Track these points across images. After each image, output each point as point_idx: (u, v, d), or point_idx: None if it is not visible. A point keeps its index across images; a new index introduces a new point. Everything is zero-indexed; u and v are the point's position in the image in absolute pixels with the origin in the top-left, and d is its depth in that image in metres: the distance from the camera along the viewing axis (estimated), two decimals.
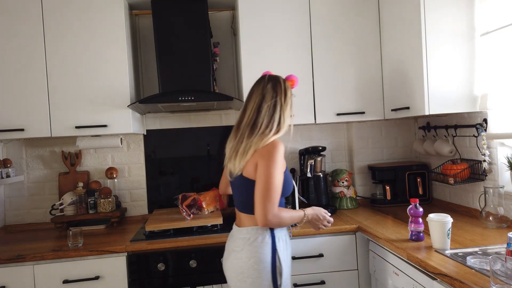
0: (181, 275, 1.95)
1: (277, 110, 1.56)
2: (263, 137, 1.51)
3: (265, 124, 1.53)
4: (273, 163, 1.45)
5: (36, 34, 2.14)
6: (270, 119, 1.54)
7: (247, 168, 1.52)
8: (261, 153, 1.48)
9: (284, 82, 1.63)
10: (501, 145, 1.94)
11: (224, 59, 2.62)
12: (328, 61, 2.32)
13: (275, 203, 1.44)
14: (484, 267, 1.31)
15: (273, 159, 1.46)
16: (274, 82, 1.61)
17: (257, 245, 1.52)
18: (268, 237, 1.53)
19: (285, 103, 1.58)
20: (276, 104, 1.56)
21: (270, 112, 1.55)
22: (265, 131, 1.52)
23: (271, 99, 1.56)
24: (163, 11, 2.24)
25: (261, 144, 1.49)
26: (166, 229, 2.07)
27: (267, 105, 1.55)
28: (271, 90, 1.58)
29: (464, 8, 1.94)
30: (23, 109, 2.13)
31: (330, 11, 2.32)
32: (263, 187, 1.44)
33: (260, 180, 1.45)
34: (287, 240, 1.62)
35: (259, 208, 1.43)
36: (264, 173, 1.45)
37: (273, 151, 1.47)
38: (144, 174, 2.59)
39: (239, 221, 1.62)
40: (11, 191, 2.49)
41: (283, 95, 1.59)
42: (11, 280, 1.85)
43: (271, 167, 1.45)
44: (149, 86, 2.57)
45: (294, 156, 2.70)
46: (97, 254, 1.89)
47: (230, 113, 2.67)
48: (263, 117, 1.54)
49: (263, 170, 1.45)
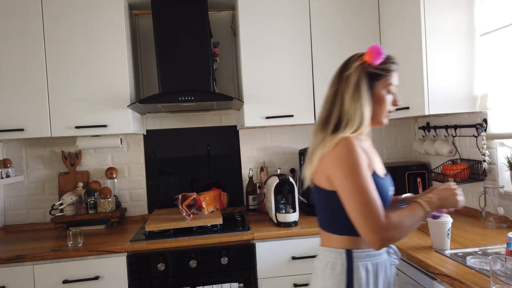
0: (181, 275, 1.95)
1: (337, 100, 1.21)
2: (333, 137, 1.16)
3: (335, 120, 1.20)
4: (350, 168, 1.10)
5: (36, 34, 2.14)
6: (339, 113, 1.20)
7: (317, 176, 1.22)
8: (330, 159, 1.15)
9: (353, 60, 1.23)
10: (501, 145, 1.94)
11: (224, 59, 2.62)
12: (328, 60, 2.32)
13: (378, 215, 1.06)
14: (484, 267, 1.31)
15: (348, 164, 1.10)
16: (344, 62, 1.27)
17: (327, 273, 1.19)
18: (342, 263, 1.17)
19: (347, 89, 1.19)
20: (336, 93, 1.22)
21: (330, 103, 1.23)
22: (334, 129, 1.19)
23: (333, 87, 1.25)
24: (163, 11, 2.24)
25: (326, 148, 1.16)
26: (166, 229, 2.07)
27: (329, 94, 1.25)
28: (336, 74, 1.26)
29: (464, 8, 1.93)
30: (23, 109, 2.13)
31: (330, 10, 2.32)
32: (354, 205, 1.08)
33: (346, 196, 1.11)
34: (380, 268, 1.20)
35: (363, 232, 1.07)
36: (346, 186, 1.10)
37: (342, 153, 1.12)
38: (144, 174, 2.59)
39: (320, 238, 1.30)
40: (11, 191, 2.49)
41: (344, 79, 1.21)
42: (11, 280, 1.85)
43: (350, 174, 1.09)
44: (149, 86, 2.57)
45: (294, 156, 2.70)
46: (97, 254, 1.89)
47: (230, 113, 2.67)
48: (329, 110, 1.22)
49: (343, 183, 1.11)
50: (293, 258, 2.00)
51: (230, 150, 2.65)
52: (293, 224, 2.10)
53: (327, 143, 1.16)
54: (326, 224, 1.24)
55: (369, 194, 1.08)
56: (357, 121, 1.17)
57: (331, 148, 1.15)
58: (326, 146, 1.16)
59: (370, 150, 1.24)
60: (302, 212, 2.39)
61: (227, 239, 1.97)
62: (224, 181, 2.64)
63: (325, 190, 1.19)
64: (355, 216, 1.09)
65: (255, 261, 1.99)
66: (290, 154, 2.69)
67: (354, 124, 1.17)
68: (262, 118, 2.27)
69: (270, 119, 2.27)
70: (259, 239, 1.99)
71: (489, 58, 1.93)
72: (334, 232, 1.21)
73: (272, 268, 2.00)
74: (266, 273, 2.00)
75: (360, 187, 1.08)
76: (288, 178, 2.20)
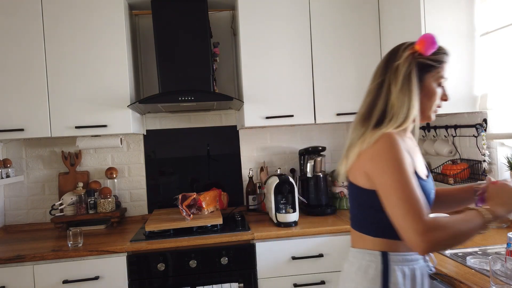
0: (181, 275, 1.95)
1: (382, 92, 1.12)
2: (373, 133, 1.08)
3: (378, 115, 1.11)
4: (391, 165, 1.01)
5: (36, 34, 2.14)
6: (383, 107, 1.11)
7: (354, 173, 1.14)
8: (369, 156, 1.07)
9: (403, 49, 1.13)
10: (501, 145, 1.94)
11: (224, 59, 2.62)
12: (328, 61, 2.32)
13: (422, 214, 0.96)
14: (484, 267, 1.31)
15: (389, 160, 1.02)
16: (391, 52, 1.17)
17: (359, 277, 1.11)
18: (377, 266, 1.09)
19: (395, 80, 1.10)
20: (381, 85, 1.13)
21: (373, 96, 1.14)
22: (376, 124, 1.10)
23: (378, 78, 1.15)
24: (163, 11, 2.24)
25: (366, 144, 1.08)
26: (166, 229, 2.07)
27: (373, 86, 1.16)
28: (382, 65, 1.16)
29: (464, 8, 1.93)
30: (23, 109, 2.13)
31: (330, 10, 2.32)
32: (395, 203, 0.99)
33: (386, 194, 1.02)
34: (417, 274, 1.11)
35: (405, 232, 0.97)
36: (386, 184, 1.02)
37: (383, 150, 1.03)
38: (144, 174, 2.59)
39: (352, 238, 1.23)
40: (11, 191, 2.49)
41: (392, 70, 1.12)
42: (11, 280, 1.85)
43: (392, 171, 1.01)
44: (149, 86, 2.57)
45: (294, 156, 2.70)
46: (97, 254, 1.89)
47: (230, 113, 2.67)
48: (372, 104, 1.14)
49: (383, 180, 1.03)
50: (293, 258, 2.00)
51: (230, 150, 2.65)
52: (293, 224, 2.10)
53: (366, 139, 1.08)
54: (360, 224, 1.15)
55: (412, 191, 0.98)
56: (402, 115, 1.07)
57: (371, 144, 1.06)
58: (366, 142, 1.08)
59: (413, 149, 1.16)
60: (302, 212, 2.39)
61: (227, 239, 1.97)
62: (224, 181, 2.64)
63: (361, 189, 1.11)
64: (397, 215, 0.99)
65: (255, 261, 1.99)
66: (290, 154, 2.69)
67: (398, 119, 1.07)
68: (262, 118, 2.27)
69: (270, 119, 2.27)
70: (259, 239, 1.99)
71: (489, 58, 1.93)
72: (368, 233, 1.13)
73: (272, 268, 2.00)
74: (266, 273, 2.00)
75: (402, 184, 0.99)
76: (288, 178, 2.20)
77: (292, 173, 2.66)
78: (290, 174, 2.66)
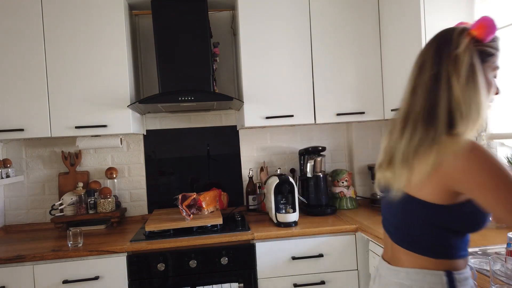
0: (181, 275, 1.95)
1: (441, 87, 0.95)
2: (454, 140, 0.92)
3: (445, 114, 0.94)
4: (496, 174, 0.87)
5: (36, 34, 2.14)
6: (447, 104, 0.94)
7: (421, 186, 0.96)
8: (461, 169, 0.90)
9: (458, 35, 0.97)
10: (501, 145, 1.94)
11: (224, 59, 2.62)
12: (328, 61, 2.32)
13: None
14: (484, 267, 1.31)
15: (492, 170, 0.88)
16: (441, 38, 1.00)
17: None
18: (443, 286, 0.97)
19: (458, 72, 0.94)
20: (439, 78, 0.96)
21: (429, 92, 0.97)
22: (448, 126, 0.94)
23: (430, 69, 0.98)
24: (163, 11, 2.24)
25: (449, 154, 0.91)
26: (166, 229, 2.07)
27: (425, 79, 0.98)
28: (433, 53, 0.99)
29: (464, 8, 1.93)
30: (23, 109, 2.13)
31: (330, 10, 2.32)
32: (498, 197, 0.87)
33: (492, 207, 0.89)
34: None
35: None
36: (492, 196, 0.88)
37: (482, 159, 0.89)
38: (144, 174, 2.59)
39: (392, 255, 1.08)
40: (11, 191, 2.49)
41: (451, 60, 0.95)
42: (11, 280, 1.85)
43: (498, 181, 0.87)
44: (149, 86, 2.57)
45: (294, 156, 2.70)
46: (97, 254, 1.89)
47: (230, 113, 2.67)
48: (430, 101, 0.96)
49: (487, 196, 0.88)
50: (293, 258, 2.00)
51: (230, 150, 2.65)
52: (293, 224, 2.10)
53: (447, 147, 0.91)
54: (411, 240, 1.01)
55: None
56: (474, 114, 0.92)
57: (459, 155, 0.89)
58: (447, 151, 0.90)
59: None
60: (302, 212, 2.39)
61: (227, 239, 1.97)
62: (224, 181, 2.64)
63: (428, 204, 0.95)
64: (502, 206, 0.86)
65: (255, 261, 1.99)
66: (290, 154, 2.69)
67: (472, 119, 0.92)
68: (262, 118, 2.27)
69: (270, 119, 2.27)
70: (259, 239, 1.99)
71: None
72: (428, 255, 0.99)
73: (272, 268, 2.00)
74: (266, 273, 2.00)
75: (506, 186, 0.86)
76: (288, 178, 2.20)
77: (292, 173, 2.66)
78: (290, 174, 2.66)
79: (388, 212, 1.10)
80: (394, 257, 1.07)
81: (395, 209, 1.05)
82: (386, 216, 1.12)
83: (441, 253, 0.99)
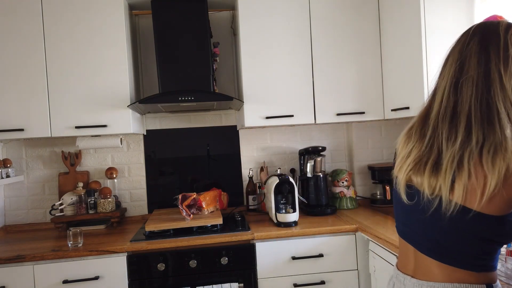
0: (181, 275, 1.95)
1: (494, 87, 0.88)
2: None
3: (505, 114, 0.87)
4: None
5: (36, 34, 2.14)
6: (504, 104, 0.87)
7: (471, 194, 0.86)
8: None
9: (504, 31, 0.91)
10: None
11: (224, 59, 2.62)
12: (328, 61, 2.32)
13: None
14: None
15: None
16: (484, 34, 0.92)
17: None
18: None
19: (508, 74, 0.88)
20: (488, 77, 0.89)
21: (479, 92, 0.89)
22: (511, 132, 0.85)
23: (477, 67, 0.90)
24: (163, 11, 2.24)
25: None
26: (166, 229, 2.07)
27: (470, 77, 0.90)
28: (479, 49, 0.91)
29: (464, 8, 1.93)
30: (23, 109, 2.13)
31: (330, 11, 2.32)
32: None
33: None
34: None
35: None
36: None
37: None
38: (144, 174, 2.59)
39: (418, 268, 0.99)
40: (11, 191, 2.49)
41: (502, 59, 0.89)
42: (11, 280, 1.85)
43: None
44: (149, 86, 2.57)
45: (294, 156, 2.70)
46: (97, 254, 1.89)
47: (230, 113, 2.67)
48: (478, 100, 0.88)
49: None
50: (293, 258, 2.00)
51: (230, 150, 2.65)
52: (293, 224, 2.10)
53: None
54: (458, 256, 0.92)
55: None
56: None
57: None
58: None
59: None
60: (302, 212, 2.39)
61: (227, 239, 1.97)
62: (224, 181, 2.64)
63: (489, 216, 0.86)
64: None
65: (255, 261, 1.99)
66: (290, 154, 2.69)
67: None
68: (262, 118, 2.27)
69: (270, 119, 2.27)
70: (259, 239, 1.99)
71: None
72: (469, 268, 0.92)
73: (272, 268, 2.00)
74: (266, 273, 2.00)
75: None
76: (288, 178, 2.20)
77: (292, 173, 2.66)
78: (290, 174, 2.66)
79: (416, 220, 0.98)
80: (422, 270, 0.97)
81: (431, 218, 0.94)
82: (407, 223, 1.01)
83: (483, 266, 0.91)
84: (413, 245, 1.00)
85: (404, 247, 1.03)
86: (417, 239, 0.98)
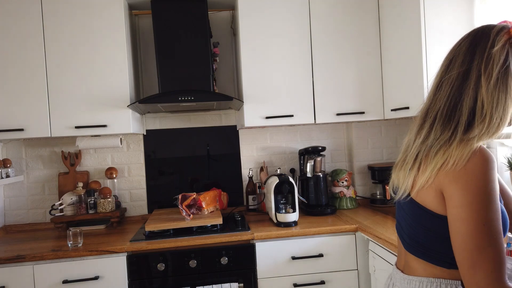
0: (181, 275, 1.95)
1: (468, 86, 0.89)
2: (463, 146, 0.86)
3: (466, 116, 0.88)
4: (481, 196, 0.82)
5: (36, 34, 2.14)
6: (472, 105, 0.88)
7: (423, 191, 0.92)
8: (454, 177, 0.84)
9: (495, 33, 0.90)
10: (501, 145, 1.94)
11: (224, 59, 2.62)
12: (328, 61, 2.32)
13: (495, 271, 0.79)
14: None
15: (480, 190, 0.82)
16: (478, 34, 0.92)
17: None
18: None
19: (490, 72, 0.87)
20: (468, 77, 0.89)
21: (455, 90, 0.90)
22: (466, 129, 0.88)
23: (460, 66, 0.91)
24: (163, 11, 2.24)
25: (453, 160, 0.85)
26: (166, 229, 2.07)
27: (452, 76, 0.92)
28: (466, 50, 0.92)
29: (464, 9, 1.93)
30: (23, 109, 2.13)
31: (330, 11, 2.32)
32: (467, 242, 0.82)
33: (458, 225, 0.84)
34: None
35: (466, 276, 0.82)
36: (465, 215, 0.82)
37: (475, 176, 0.82)
38: (144, 174, 2.59)
39: (405, 263, 1.05)
40: (11, 191, 2.49)
41: (484, 59, 0.88)
42: (11, 280, 1.85)
43: (479, 203, 0.81)
44: (149, 86, 2.57)
45: (294, 156, 2.70)
46: (97, 254, 1.89)
47: (230, 113, 2.67)
48: (454, 100, 0.90)
49: (461, 209, 0.83)
50: (293, 258, 2.00)
51: (230, 150, 2.66)
52: (293, 224, 2.10)
53: (453, 152, 0.86)
54: (420, 249, 0.96)
55: (498, 241, 0.80)
56: (497, 118, 0.86)
57: (460, 162, 0.84)
58: (453, 156, 0.85)
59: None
60: (302, 212, 2.39)
61: (227, 239, 1.97)
62: (224, 181, 2.64)
63: (432, 214, 0.91)
64: (462, 256, 0.82)
65: (255, 261, 1.99)
66: (290, 154, 2.70)
67: (492, 123, 0.86)
68: (262, 118, 2.27)
69: (270, 119, 2.27)
70: (259, 239, 1.99)
71: None
72: (441, 265, 0.94)
73: (272, 268, 2.00)
74: (266, 273, 2.00)
75: (483, 224, 0.80)
76: (288, 178, 2.20)
77: (292, 173, 2.66)
78: (290, 174, 2.66)
79: (401, 215, 1.03)
80: (407, 266, 1.03)
81: (405, 213, 1.00)
82: (399, 220, 1.06)
83: (455, 264, 0.90)
84: (401, 242, 1.06)
85: (399, 244, 1.10)
86: (404, 236, 1.04)
